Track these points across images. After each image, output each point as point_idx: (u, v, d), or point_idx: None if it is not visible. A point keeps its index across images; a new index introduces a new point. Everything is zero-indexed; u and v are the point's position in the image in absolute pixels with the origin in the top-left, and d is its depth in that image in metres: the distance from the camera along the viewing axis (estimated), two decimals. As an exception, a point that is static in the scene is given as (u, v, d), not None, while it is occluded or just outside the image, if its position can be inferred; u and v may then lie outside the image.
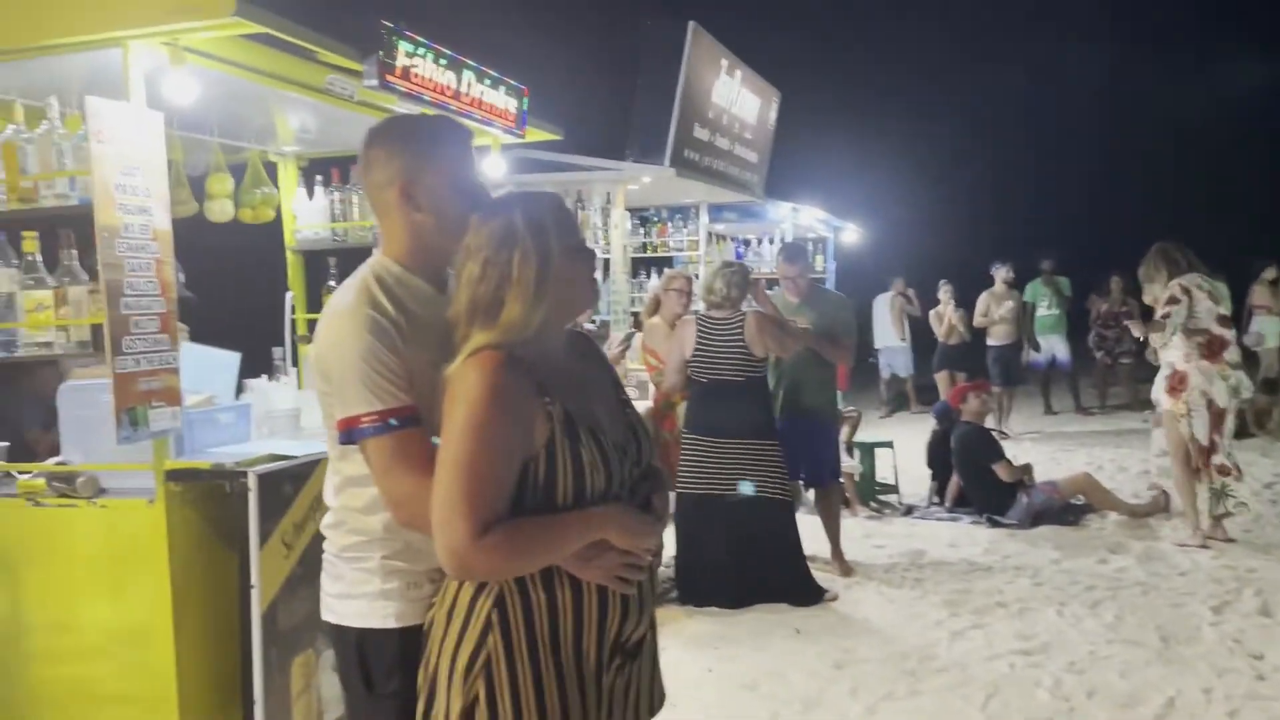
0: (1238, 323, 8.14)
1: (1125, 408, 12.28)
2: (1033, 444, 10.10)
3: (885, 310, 12.70)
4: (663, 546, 2.00)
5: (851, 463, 7.47)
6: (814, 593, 5.31)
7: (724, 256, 9.19)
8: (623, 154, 7.58)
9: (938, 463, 7.65)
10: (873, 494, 7.78)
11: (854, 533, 6.57)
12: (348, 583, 2.01)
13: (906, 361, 12.81)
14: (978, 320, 11.29)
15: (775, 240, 9.91)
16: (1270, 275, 10.99)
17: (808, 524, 5.78)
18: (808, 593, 5.30)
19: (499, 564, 1.77)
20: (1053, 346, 11.87)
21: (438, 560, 1.82)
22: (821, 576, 5.51)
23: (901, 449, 8.15)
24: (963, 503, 7.33)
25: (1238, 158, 24.23)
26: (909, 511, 7.49)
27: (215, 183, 4.19)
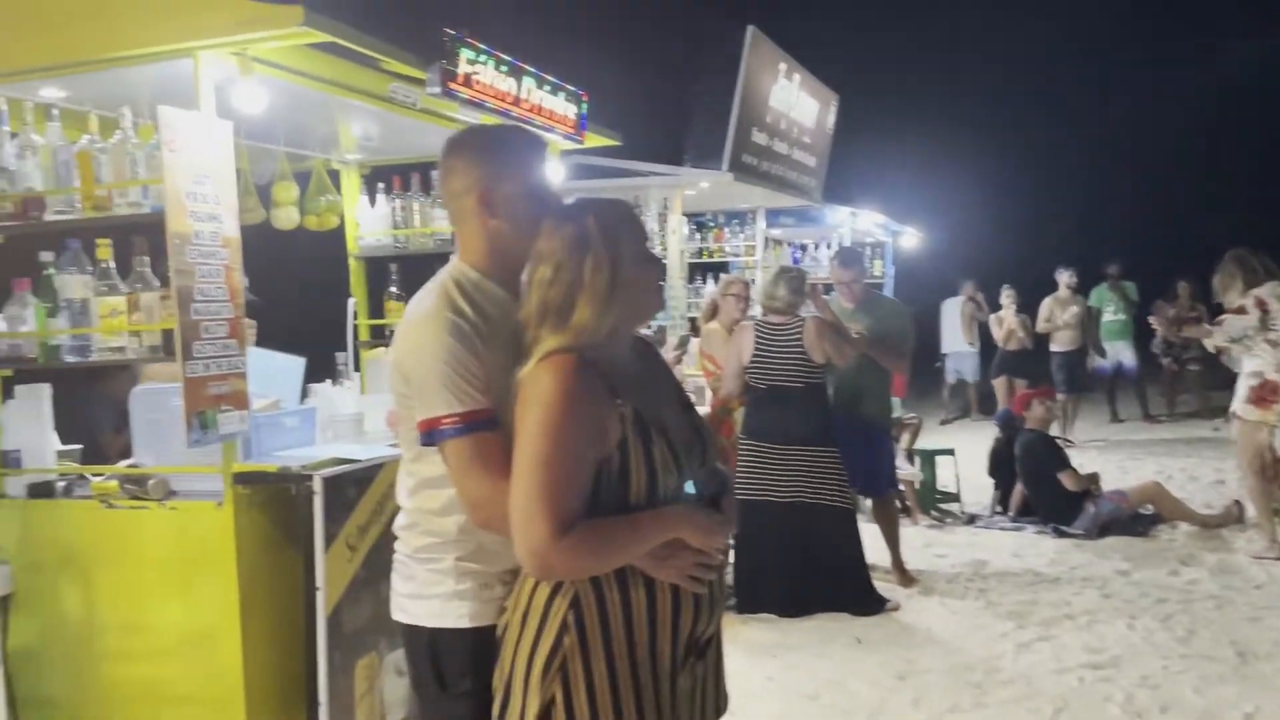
0: None
1: (1195, 415, 11.95)
2: (1098, 452, 9.87)
3: (955, 314, 12.36)
4: (729, 549, 2.00)
5: (912, 470, 7.37)
6: (875, 602, 5.24)
7: (780, 262, 9.12)
8: (679, 159, 7.58)
9: (1001, 471, 7.51)
10: (933, 502, 7.65)
11: (915, 542, 6.48)
12: (420, 583, 2.03)
13: (974, 367, 12.51)
14: (1041, 325, 11.08)
15: (832, 245, 9.83)
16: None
17: (866, 533, 5.70)
18: (869, 602, 5.23)
19: (579, 563, 1.80)
20: (1119, 353, 11.61)
21: (510, 563, 1.85)
22: (882, 586, 5.44)
23: (963, 456, 8.01)
24: (1027, 512, 7.18)
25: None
26: (971, 520, 7.36)
27: (281, 190, 4.25)
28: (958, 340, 12.38)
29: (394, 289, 4.32)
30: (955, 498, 7.75)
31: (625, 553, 1.83)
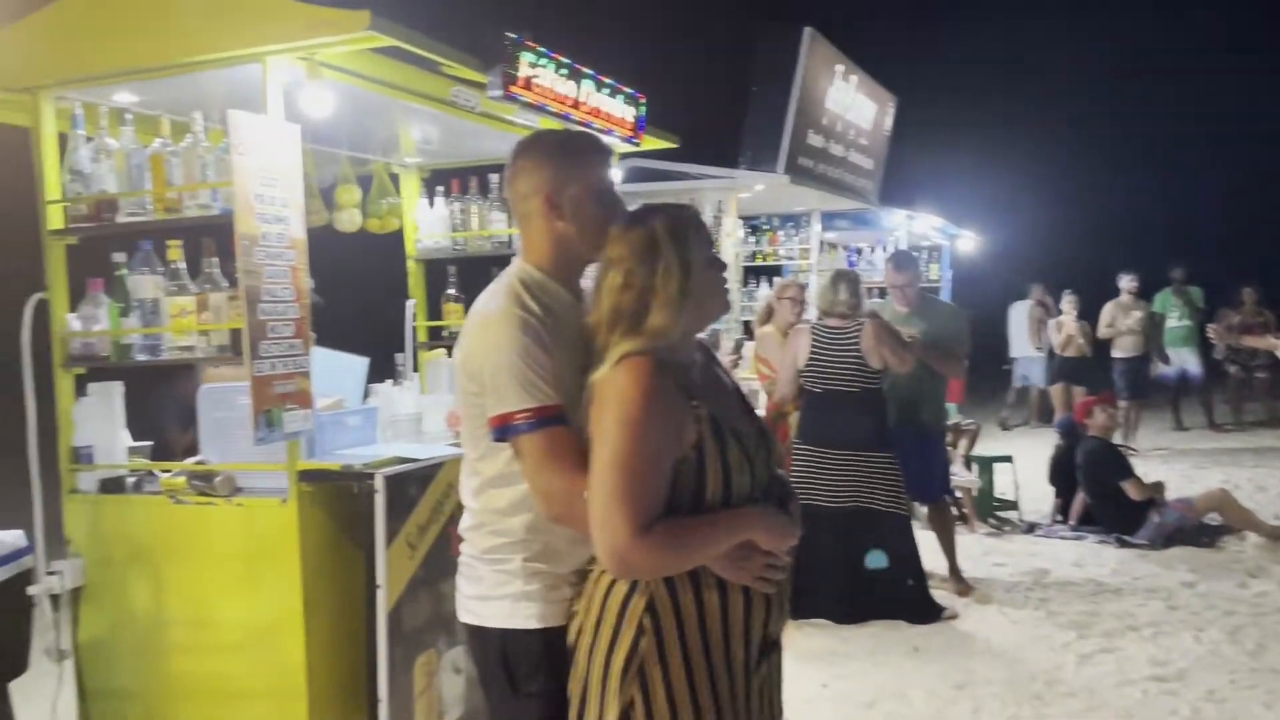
0: None
1: (1262, 424, 11.65)
2: (1161, 461, 9.65)
3: (1022, 318, 12.04)
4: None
5: (970, 477, 7.26)
6: (932, 610, 5.17)
7: (835, 265, 9.05)
8: (733, 161, 7.55)
9: (1061, 479, 7.36)
10: (991, 510, 7.54)
11: (973, 550, 6.38)
12: (487, 584, 2.05)
13: (1042, 371, 12.27)
14: (1103, 331, 10.86)
15: (888, 249, 9.72)
16: None
17: (922, 540, 5.63)
18: (926, 610, 5.16)
19: (659, 561, 1.81)
20: (1183, 359, 11.35)
21: (576, 564, 1.86)
22: (940, 594, 5.37)
23: (1022, 463, 7.88)
24: (1088, 521, 7.03)
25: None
26: (1031, 529, 7.23)
27: (343, 193, 4.31)
28: (1025, 345, 12.11)
29: (452, 291, 4.37)
30: (1013, 505, 7.63)
31: (703, 552, 1.84)
